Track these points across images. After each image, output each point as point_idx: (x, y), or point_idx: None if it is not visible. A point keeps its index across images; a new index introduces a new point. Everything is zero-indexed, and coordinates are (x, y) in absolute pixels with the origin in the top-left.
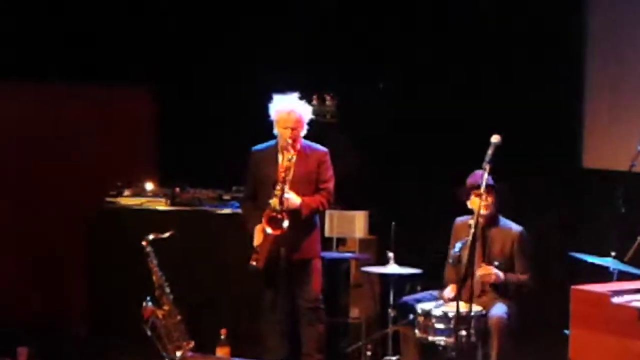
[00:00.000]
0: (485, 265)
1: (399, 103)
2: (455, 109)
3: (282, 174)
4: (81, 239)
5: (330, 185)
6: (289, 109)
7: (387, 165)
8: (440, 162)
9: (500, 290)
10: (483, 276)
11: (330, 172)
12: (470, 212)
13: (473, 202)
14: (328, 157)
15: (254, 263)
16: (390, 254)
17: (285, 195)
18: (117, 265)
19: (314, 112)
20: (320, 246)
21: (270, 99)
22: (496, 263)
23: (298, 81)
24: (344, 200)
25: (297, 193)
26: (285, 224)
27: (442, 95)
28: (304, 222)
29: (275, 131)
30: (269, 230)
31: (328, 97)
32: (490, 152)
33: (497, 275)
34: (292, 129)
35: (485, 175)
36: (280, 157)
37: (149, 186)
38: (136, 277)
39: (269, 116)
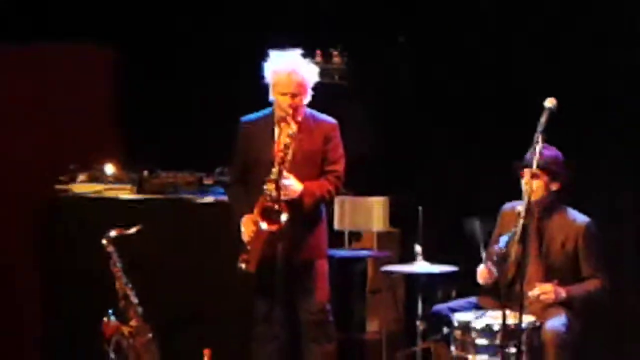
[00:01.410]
0: (542, 284)
1: (424, 61)
2: (498, 65)
3: (280, 154)
4: (25, 238)
5: (340, 167)
6: (289, 69)
7: (411, 139)
8: (479, 131)
9: (567, 305)
10: (541, 296)
11: (340, 151)
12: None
13: (528, 182)
14: (337, 131)
15: (244, 265)
16: (418, 249)
17: (283, 180)
18: (70, 270)
19: (318, 73)
20: (328, 243)
21: (264, 56)
22: (554, 282)
23: (297, 32)
24: (357, 183)
25: (299, 177)
26: (284, 217)
27: (481, 48)
28: (307, 214)
29: (272, 97)
30: (263, 225)
31: (335, 53)
32: (543, 119)
33: (558, 295)
34: (293, 95)
35: (537, 149)
36: (277, 130)
37: (110, 169)
38: (95, 285)
39: (262, 78)
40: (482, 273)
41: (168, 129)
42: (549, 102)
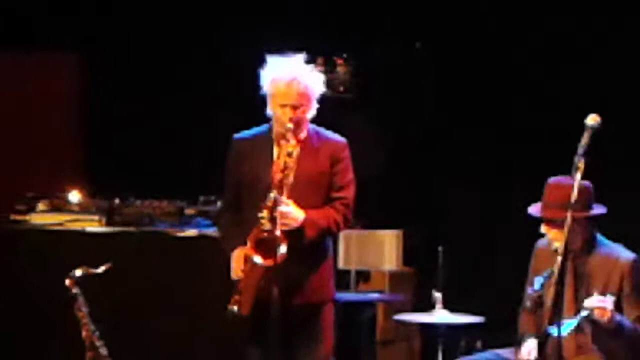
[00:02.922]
0: (596, 295)
1: (443, 70)
2: (529, 75)
3: (279, 176)
4: None
5: (350, 193)
6: (289, 77)
7: (428, 162)
8: (508, 155)
9: (605, 346)
10: (595, 311)
11: (349, 175)
12: None
13: (548, 231)
14: (347, 152)
15: (235, 308)
16: (437, 295)
17: (282, 207)
18: (25, 316)
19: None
20: (334, 284)
21: (261, 62)
22: (613, 298)
23: (297, 38)
24: (365, 214)
25: (300, 203)
26: (282, 249)
27: (510, 57)
28: (309, 249)
29: (270, 111)
30: (257, 259)
31: (339, 62)
32: (584, 141)
33: (613, 315)
34: (294, 108)
35: (576, 185)
36: (275, 149)
37: (75, 197)
38: (57, 334)
39: (259, 89)
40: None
41: (144, 151)
42: (592, 120)
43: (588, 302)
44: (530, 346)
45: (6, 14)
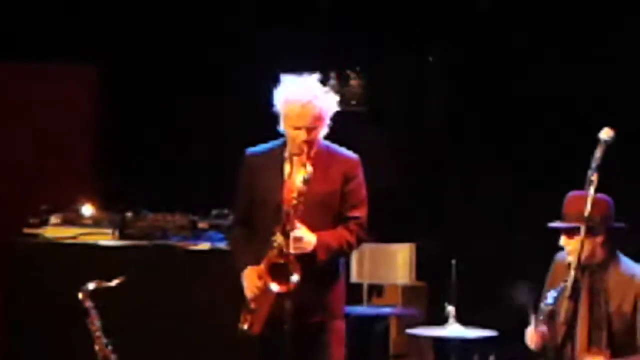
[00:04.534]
0: (593, 355)
1: (457, 83)
2: (544, 86)
3: (293, 201)
4: None
5: (363, 212)
6: (304, 100)
7: (441, 174)
8: (522, 168)
9: None
10: None
11: (363, 193)
12: None
13: (567, 244)
14: (360, 169)
15: (246, 327)
16: (450, 308)
17: (295, 233)
18: (39, 328)
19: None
20: (345, 300)
21: (274, 80)
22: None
23: (310, 51)
24: (378, 228)
25: (310, 223)
26: (295, 278)
27: (526, 68)
28: (321, 270)
29: (282, 128)
30: (274, 287)
31: (352, 75)
32: (598, 154)
33: None
34: (309, 130)
35: (589, 199)
36: (287, 167)
37: (88, 210)
38: (69, 349)
39: (271, 105)
40: (532, 336)
41: (156, 164)
42: (605, 134)
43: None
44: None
45: (22, 27)
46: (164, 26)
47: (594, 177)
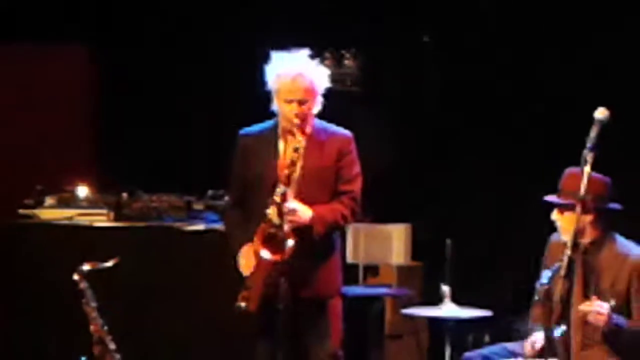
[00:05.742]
0: (592, 300)
1: (452, 64)
2: (537, 69)
3: (285, 171)
4: None
5: (356, 187)
6: (294, 72)
7: (436, 155)
8: (517, 148)
9: (614, 341)
10: (590, 315)
11: (356, 168)
12: None
13: (558, 219)
14: (353, 145)
15: (243, 304)
16: (445, 289)
17: (289, 204)
18: (34, 310)
19: (329, 77)
20: (342, 278)
21: (265, 58)
22: (612, 303)
23: (303, 32)
24: (374, 208)
25: (307, 199)
26: (289, 243)
27: (519, 51)
28: (317, 244)
29: (275, 107)
30: (265, 254)
31: (347, 55)
32: (593, 134)
33: (610, 319)
34: (300, 103)
35: (585, 177)
36: (281, 145)
37: (83, 191)
38: (65, 328)
39: (264, 84)
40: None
41: (152, 145)
42: (600, 114)
43: (584, 306)
44: (535, 338)
45: (16, 7)
46: (161, 6)
47: (590, 157)
